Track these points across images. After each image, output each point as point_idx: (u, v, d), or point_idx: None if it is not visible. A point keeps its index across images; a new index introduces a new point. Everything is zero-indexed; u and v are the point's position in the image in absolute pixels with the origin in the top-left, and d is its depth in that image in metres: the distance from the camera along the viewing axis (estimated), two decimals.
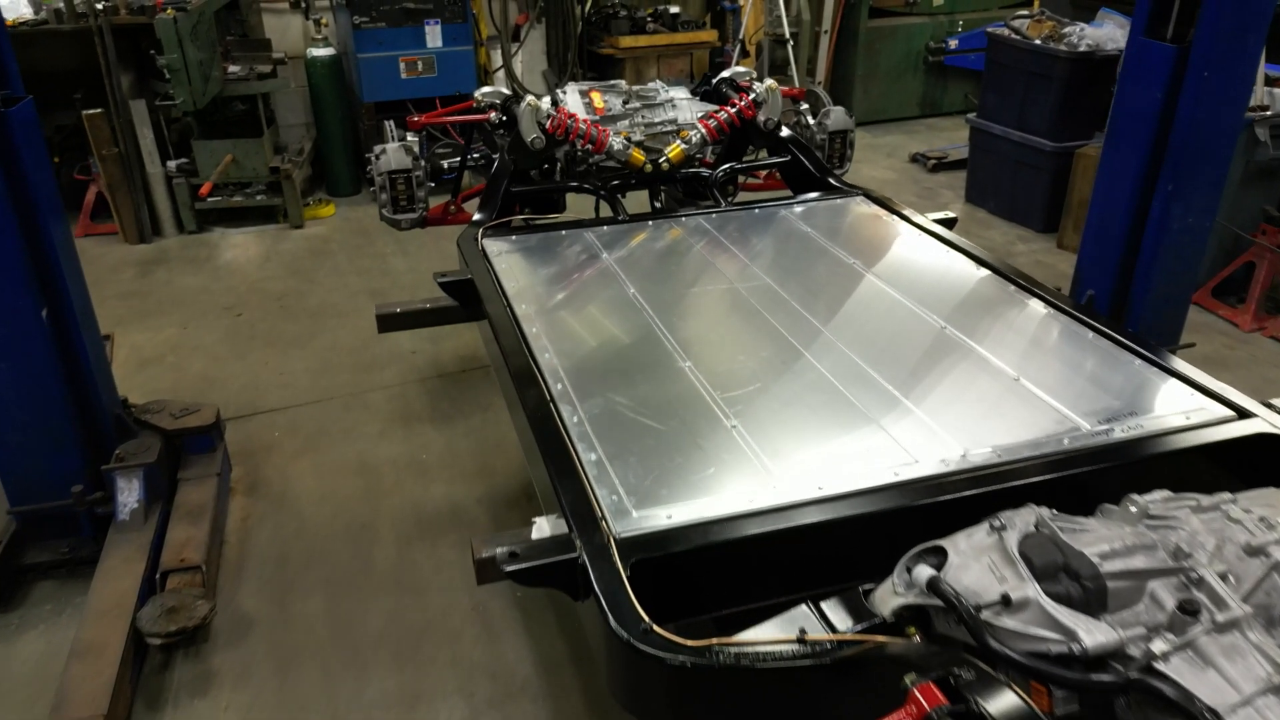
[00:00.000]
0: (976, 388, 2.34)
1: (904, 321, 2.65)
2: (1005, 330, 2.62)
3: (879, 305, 2.76)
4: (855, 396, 2.27)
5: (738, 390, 2.31)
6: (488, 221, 3.45)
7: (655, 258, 3.23)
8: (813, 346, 2.50)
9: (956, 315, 2.67)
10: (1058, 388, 2.30)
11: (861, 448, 2.09)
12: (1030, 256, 5.57)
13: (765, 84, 3.80)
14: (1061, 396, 2.26)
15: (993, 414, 2.22)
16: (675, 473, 2.01)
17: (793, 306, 2.74)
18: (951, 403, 2.26)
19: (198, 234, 5.99)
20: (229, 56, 5.99)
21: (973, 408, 2.24)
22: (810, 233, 3.33)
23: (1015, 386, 2.32)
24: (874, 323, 2.66)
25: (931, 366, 2.42)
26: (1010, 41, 5.82)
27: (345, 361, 4.47)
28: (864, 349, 2.48)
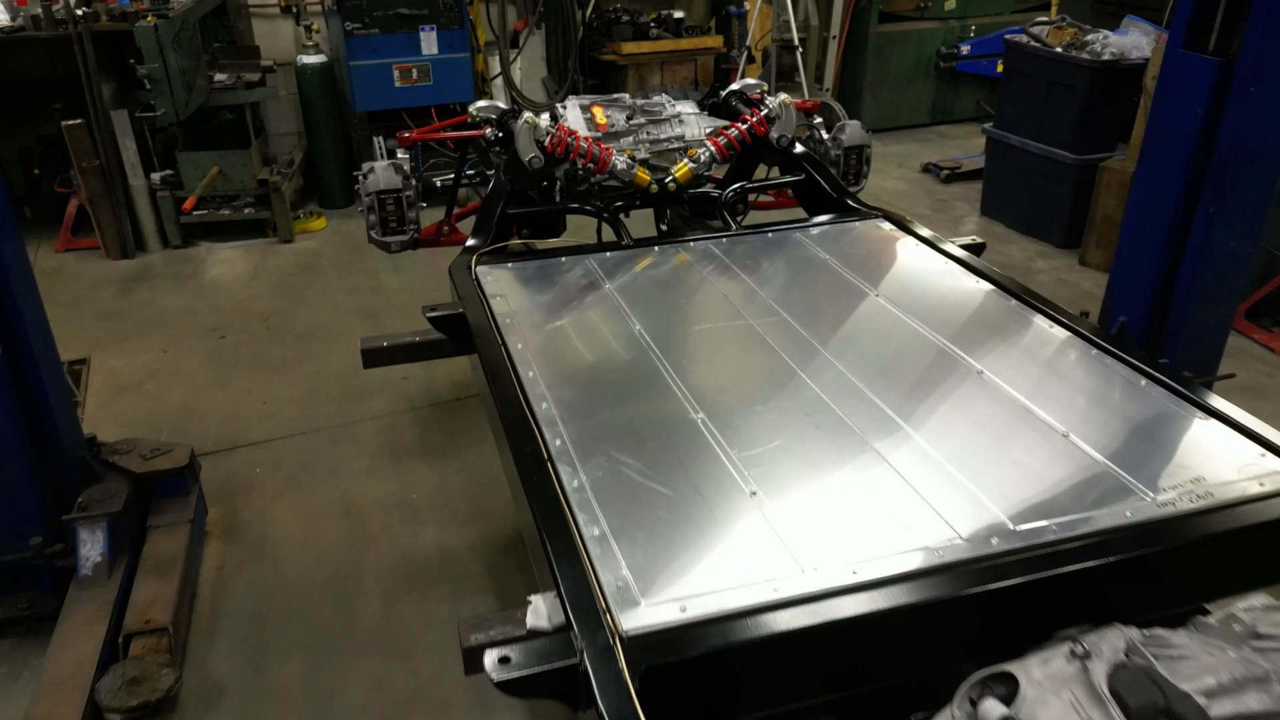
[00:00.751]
0: (1021, 444, 2.10)
1: (936, 366, 2.41)
2: (1045, 373, 2.38)
3: (908, 347, 2.52)
4: (888, 455, 2.03)
5: (757, 448, 2.07)
6: (482, 247, 3.21)
7: (662, 288, 2.99)
8: (839, 396, 2.26)
9: (992, 358, 2.43)
10: (1107, 443, 2.07)
11: (898, 518, 1.85)
12: (1052, 274, 5.33)
13: (779, 99, 3.56)
14: (1114, 454, 2.02)
15: (1041, 476, 1.98)
16: (689, 551, 1.77)
17: (814, 348, 2.50)
18: (994, 463, 2.02)
19: (183, 249, 5.76)
20: (215, 64, 5.76)
21: (1018, 469, 2.00)
22: (828, 260, 3.09)
23: (1063, 443, 2.08)
24: (904, 368, 2.42)
25: (969, 419, 2.18)
26: (1030, 49, 5.58)
27: (333, 389, 4.23)
28: (895, 399, 2.24)
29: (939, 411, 2.21)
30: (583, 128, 3.53)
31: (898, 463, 2.00)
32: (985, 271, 2.92)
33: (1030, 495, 1.91)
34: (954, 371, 2.37)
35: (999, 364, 2.40)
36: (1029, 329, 2.60)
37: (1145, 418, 2.19)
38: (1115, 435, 2.12)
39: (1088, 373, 2.38)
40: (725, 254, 3.18)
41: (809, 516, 1.85)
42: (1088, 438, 2.09)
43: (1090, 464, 2.01)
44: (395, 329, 4.95)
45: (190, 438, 3.85)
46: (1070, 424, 2.14)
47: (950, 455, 2.03)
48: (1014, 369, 2.38)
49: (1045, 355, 2.47)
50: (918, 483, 1.94)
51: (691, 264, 3.13)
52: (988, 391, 2.28)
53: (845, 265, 3.04)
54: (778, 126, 3.57)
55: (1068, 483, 1.97)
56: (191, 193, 5.53)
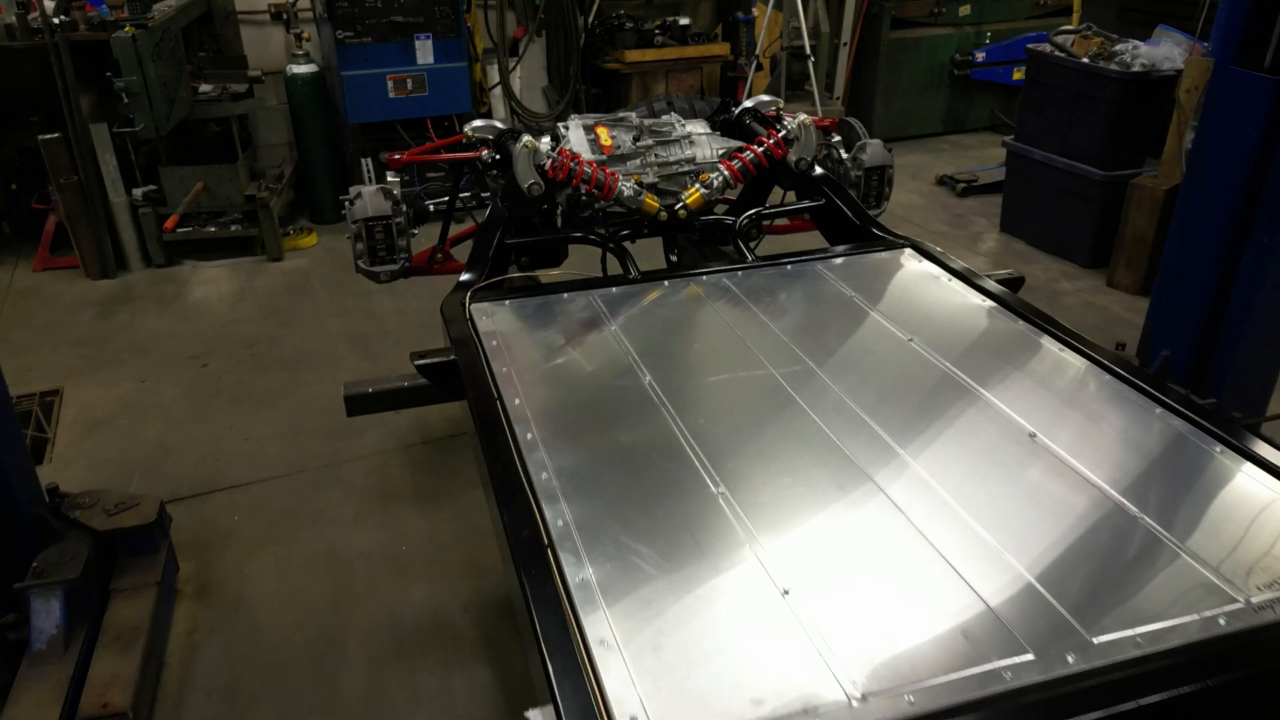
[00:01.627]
0: (1085, 525, 1.84)
1: (984, 430, 2.15)
2: (1099, 431, 2.13)
3: (950, 405, 2.26)
4: (939, 542, 1.77)
5: (786, 533, 1.81)
6: (478, 282, 2.96)
7: (673, 330, 2.73)
8: (877, 466, 2.00)
9: (1043, 416, 2.17)
10: (1179, 522, 1.82)
11: (956, 625, 1.59)
12: (1078, 296, 5.07)
13: (798, 119, 3.30)
14: (1190, 538, 1.78)
15: (1112, 568, 1.73)
16: (711, 667, 1.51)
17: (845, 404, 2.24)
18: (1058, 551, 1.77)
19: (166, 268, 5.50)
20: (200, 75, 5.50)
21: (1087, 559, 1.75)
22: (854, 297, 2.84)
23: (1131, 524, 1.83)
24: (947, 431, 2.16)
25: (1026, 495, 1.92)
26: (1054, 59, 5.32)
27: (319, 424, 3.97)
28: (939, 469, 1.98)
29: (990, 485, 1.95)
30: (586, 150, 3.28)
31: (951, 552, 1.74)
32: (1025, 312, 2.67)
33: (1103, 594, 1.66)
34: (1005, 436, 2.11)
35: (1051, 423, 2.15)
36: (1075, 377, 2.35)
37: (1216, 488, 1.96)
38: (1188, 514, 1.87)
39: (1144, 429, 2.14)
40: (741, 289, 2.92)
41: (853, 623, 1.60)
42: (1157, 515, 1.84)
43: (1166, 552, 1.75)
44: (387, 356, 4.75)
45: (165, 480, 3.60)
46: (1136, 497, 1.89)
47: (1009, 543, 1.77)
48: (1066, 428, 2.13)
49: (1095, 408, 2.22)
50: (975, 579, 1.68)
51: (704, 300, 2.87)
52: (1043, 461, 2.02)
53: (873, 304, 2.78)
54: (796, 149, 3.32)
55: (1143, 577, 1.72)
56: (175, 210, 5.26)
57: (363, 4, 5.51)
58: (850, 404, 2.24)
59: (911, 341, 2.56)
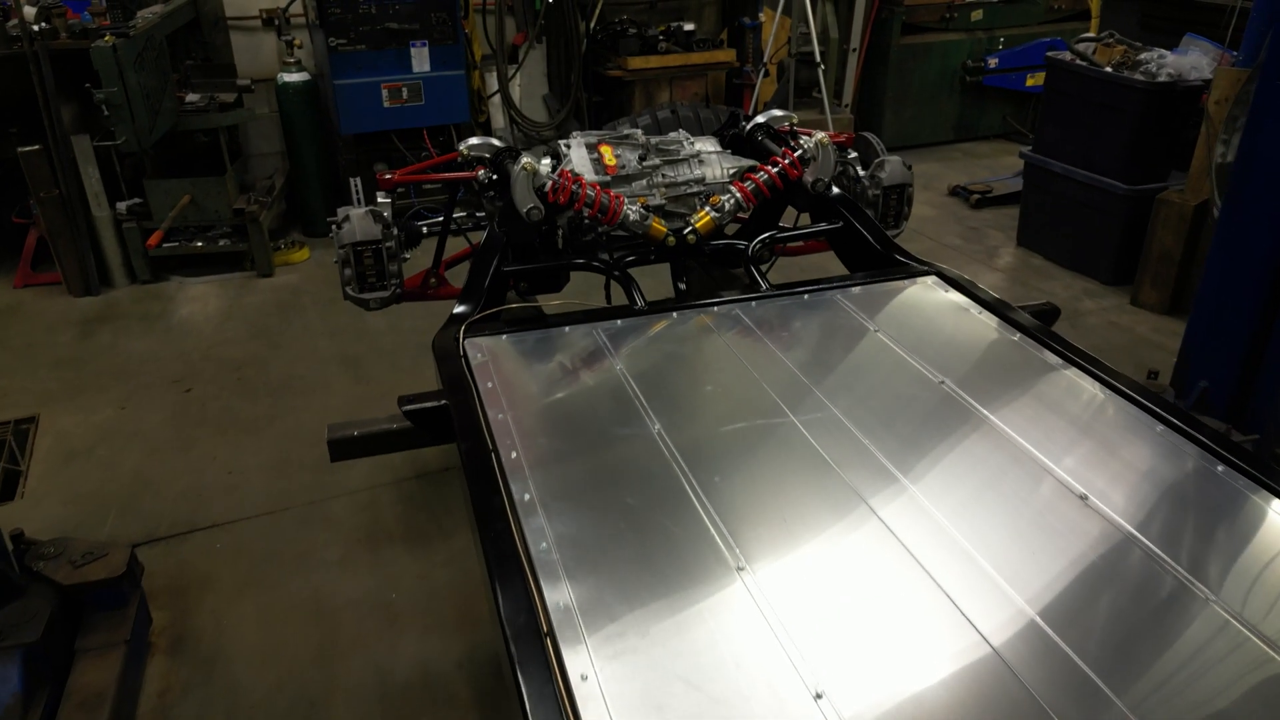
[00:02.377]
0: (1157, 614, 1.64)
1: (1035, 493, 1.94)
2: (1149, 487, 1.95)
3: (992, 462, 2.05)
4: (995, 636, 1.56)
5: (818, 623, 1.60)
6: (472, 315, 2.75)
7: (684, 370, 2.52)
8: (915, 534, 1.80)
9: (1096, 474, 1.96)
10: (1249, 607, 1.63)
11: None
12: (1102, 315, 4.86)
13: (815, 138, 3.10)
14: (1266, 623, 1.58)
15: (1191, 668, 1.53)
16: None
17: (872, 456, 2.04)
18: (1152, 650, 1.56)
19: (152, 284, 5.30)
20: (187, 84, 5.30)
21: (1177, 658, 1.54)
22: (877, 333, 2.63)
23: (1204, 609, 1.63)
24: (991, 494, 1.94)
25: (1106, 583, 1.70)
26: (1075, 68, 5.11)
27: (307, 455, 3.77)
28: (989, 543, 1.77)
29: (1056, 568, 1.72)
30: (589, 170, 3.07)
31: (1006, 647, 1.54)
32: (1061, 349, 2.47)
33: (1185, 698, 1.46)
34: (1059, 503, 1.90)
35: (1103, 481, 1.94)
36: (1123, 424, 2.15)
37: (1252, 535, 1.81)
38: (1260, 591, 1.67)
39: (1179, 470, 1.95)
40: (755, 322, 2.71)
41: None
42: (1226, 598, 1.64)
43: (1251, 653, 1.55)
44: (379, 379, 4.54)
45: (142, 518, 3.40)
46: (1201, 574, 1.70)
47: (1092, 647, 1.54)
48: (1120, 486, 1.93)
49: (1153, 465, 2.01)
50: (1049, 694, 1.46)
51: (716, 334, 2.66)
52: (1100, 530, 1.81)
53: (898, 340, 2.57)
54: (813, 169, 3.11)
55: (1227, 679, 1.51)
56: (160, 225, 5.06)
57: (356, 10, 5.31)
58: (881, 459, 2.03)
59: (943, 384, 2.36)
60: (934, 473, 2.01)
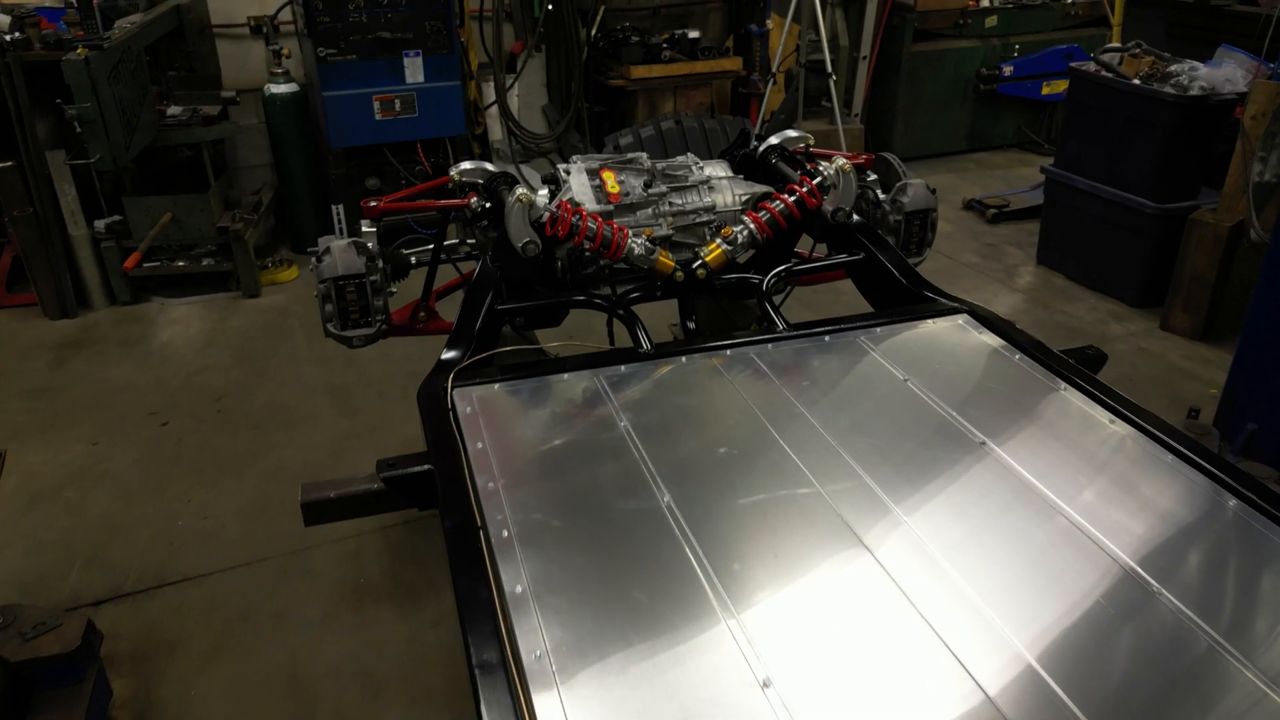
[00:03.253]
0: (1197, 679, 1.42)
1: (1101, 584, 1.70)
2: (1220, 576, 1.72)
3: (1047, 542, 1.81)
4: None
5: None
6: (462, 361, 2.51)
7: (694, 426, 2.28)
8: (958, 637, 1.56)
9: (1168, 568, 1.73)
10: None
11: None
12: (1130, 341, 4.62)
13: (835, 164, 2.86)
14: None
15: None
16: None
17: (912, 534, 1.80)
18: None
19: (132, 305, 5.06)
20: (169, 96, 5.06)
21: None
22: (908, 381, 2.39)
23: (1241, 679, 1.41)
24: (1051, 587, 1.70)
25: (1136, 648, 1.50)
26: (1100, 80, 4.87)
27: (288, 497, 3.50)
28: (1054, 656, 1.54)
29: (1098, 648, 1.51)
30: (590, 199, 2.84)
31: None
32: (1111, 402, 2.23)
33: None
34: (1122, 588, 1.67)
35: (1172, 573, 1.71)
36: (1190, 495, 1.92)
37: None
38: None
39: (1247, 546, 1.72)
40: (772, 368, 2.48)
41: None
42: (1260, 663, 1.43)
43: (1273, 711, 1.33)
44: (368, 411, 4.29)
45: (109, 570, 3.16)
46: (1237, 637, 1.49)
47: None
48: (1190, 577, 1.70)
49: (1227, 552, 1.77)
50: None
51: (729, 383, 2.42)
52: (1168, 617, 1.58)
53: (932, 391, 2.33)
54: (833, 197, 2.87)
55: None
56: (140, 244, 4.82)
57: (346, 19, 5.07)
58: (920, 535, 1.80)
59: (984, 445, 2.12)
60: (982, 553, 1.78)
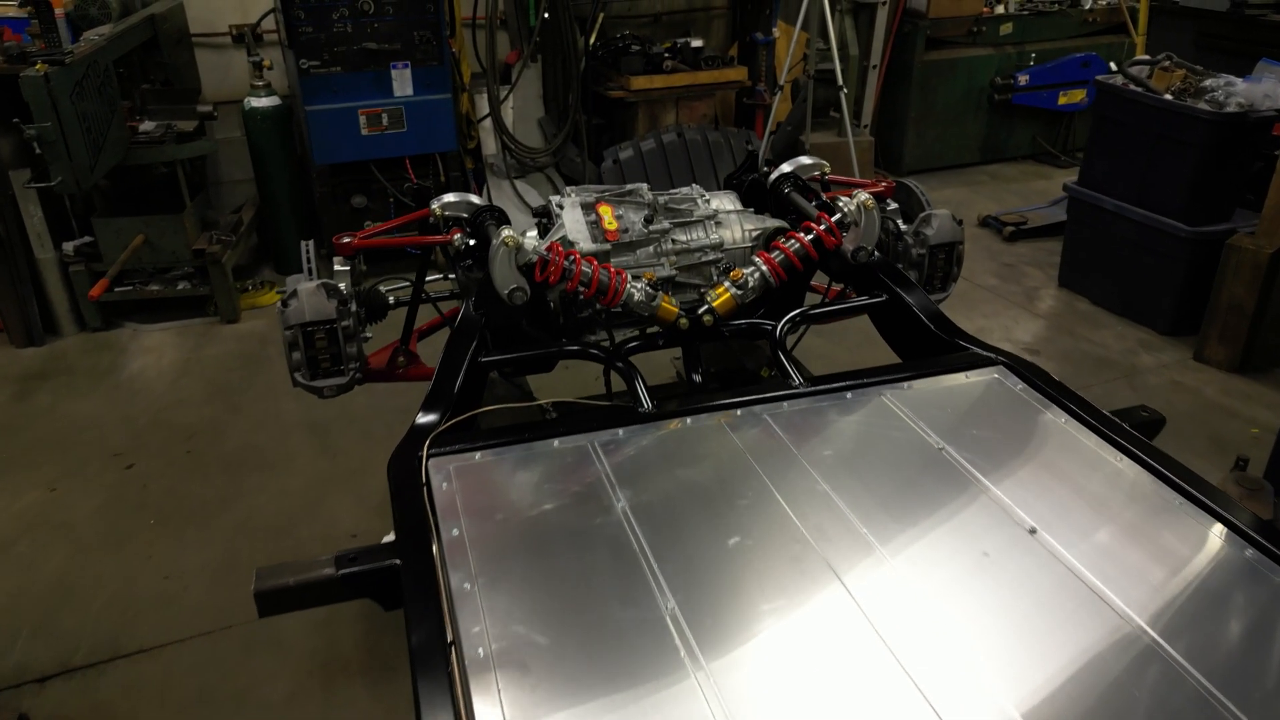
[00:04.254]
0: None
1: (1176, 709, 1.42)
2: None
3: (1121, 666, 1.54)
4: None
5: None
6: (441, 425, 2.23)
7: (701, 508, 1.99)
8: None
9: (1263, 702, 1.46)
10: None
11: None
12: (1162, 374, 4.34)
13: (857, 199, 2.58)
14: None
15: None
16: None
17: (959, 650, 1.53)
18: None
19: (103, 332, 4.79)
20: (142, 111, 4.79)
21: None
22: (942, 450, 2.11)
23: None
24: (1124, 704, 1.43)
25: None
26: (1129, 94, 4.59)
27: (258, 553, 3.25)
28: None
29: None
30: (585, 236, 2.56)
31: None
32: (1176, 479, 1.95)
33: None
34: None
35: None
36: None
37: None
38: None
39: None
40: (787, 431, 2.19)
41: None
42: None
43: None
44: (349, 452, 3.98)
45: (58, 640, 2.89)
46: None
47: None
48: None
49: None
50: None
51: (740, 450, 2.13)
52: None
53: (970, 461, 2.05)
54: (854, 235, 2.60)
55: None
56: (112, 265, 4.55)
57: (330, 29, 4.79)
58: (964, 647, 1.51)
59: (1034, 533, 1.84)
60: (1040, 680, 1.50)
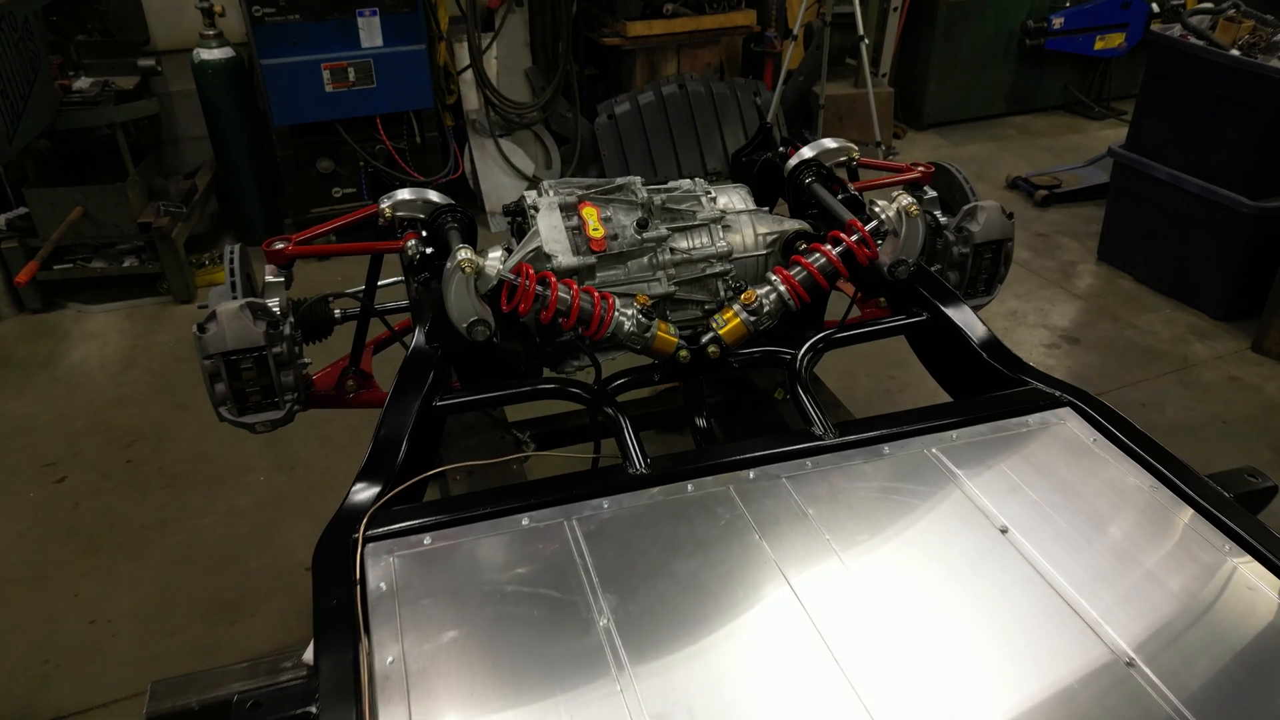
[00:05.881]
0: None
1: None
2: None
3: None
4: None
5: None
6: (383, 497, 1.80)
7: (706, 625, 1.57)
8: None
9: None
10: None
11: None
12: (1217, 367, 3.90)
13: (897, 203, 2.11)
14: None
15: None
16: None
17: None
18: None
19: (43, 314, 4.34)
20: (76, 66, 4.27)
21: None
22: (1006, 534, 1.69)
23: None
24: None
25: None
26: (1187, 47, 4.07)
27: (199, 590, 2.86)
28: None
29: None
30: (564, 247, 2.10)
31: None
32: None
33: None
34: None
35: None
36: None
37: None
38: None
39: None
40: (812, 504, 1.76)
41: None
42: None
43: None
44: (308, 463, 3.44)
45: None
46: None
47: None
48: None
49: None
50: None
51: (753, 534, 1.71)
52: None
53: (1042, 550, 1.63)
54: (892, 246, 2.14)
55: None
56: (43, 248, 4.07)
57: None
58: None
59: (1130, 666, 1.43)
60: None
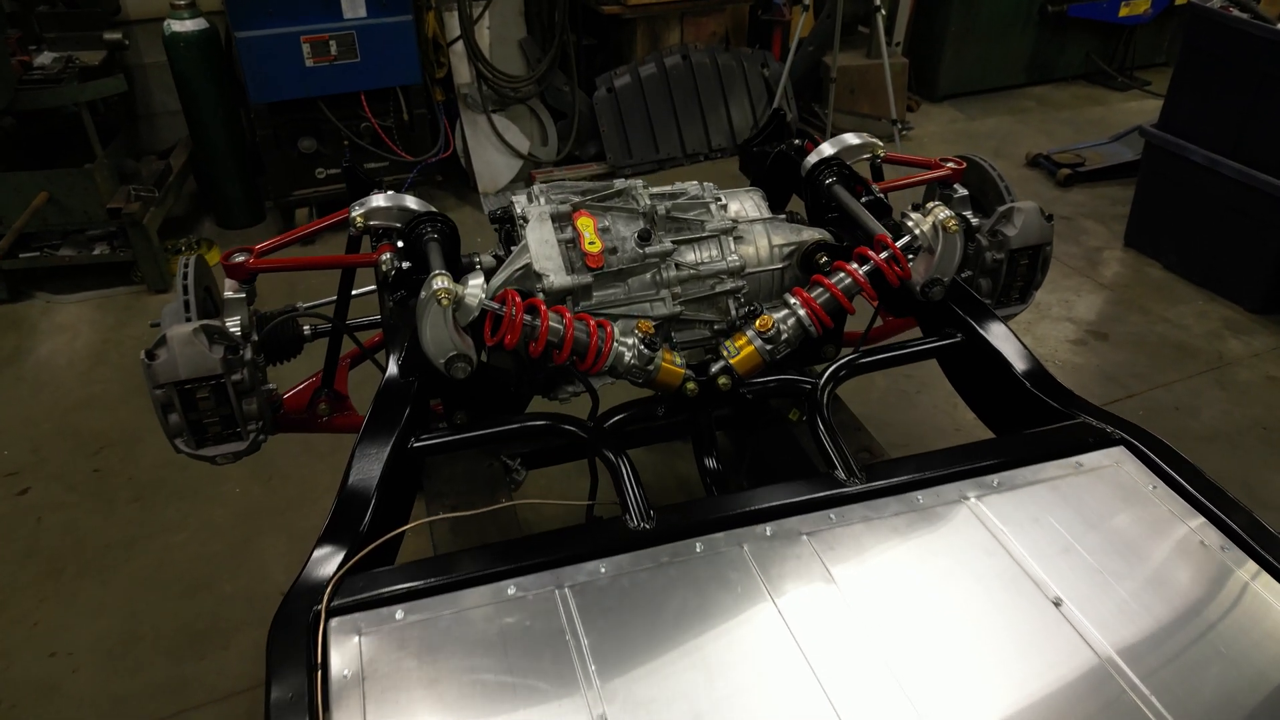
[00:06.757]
0: None
1: None
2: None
3: None
4: None
5: None
6: (350, 560, 1.58)
7: (718, 698, 1.37)
8: None
9: None
10: None
11: None
12: (1255, 366, 3.66)
13: (932, 216, 1.87)
14: None
15: None
16: None
17: None
18: None
19: (9, 304, 4.09)
20: (38, 41, 3.99)
21: None
22: (1060, 606, 1.48)
23: None
24: None
25: None
26: (1230, 21, 3.78)
27: (167, 619, 2.65)
28: None
29: None
30: (557, 264, 1.87)
31: None
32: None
33: None
34: None
35: None
36: None
37: None
38: None
39: None
40: (837, 566, 1.56)
41: None
42: None
43: None
44: (289, 473, 3.11)
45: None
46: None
47: None
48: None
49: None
50: None
51: (769, 602, 1.50)
52: None
53: (1100, 627, 1.44)
54: (925, 264, 1.90)
55: None
56: (5, 237, 3.83)
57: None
58: None
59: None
60: None
